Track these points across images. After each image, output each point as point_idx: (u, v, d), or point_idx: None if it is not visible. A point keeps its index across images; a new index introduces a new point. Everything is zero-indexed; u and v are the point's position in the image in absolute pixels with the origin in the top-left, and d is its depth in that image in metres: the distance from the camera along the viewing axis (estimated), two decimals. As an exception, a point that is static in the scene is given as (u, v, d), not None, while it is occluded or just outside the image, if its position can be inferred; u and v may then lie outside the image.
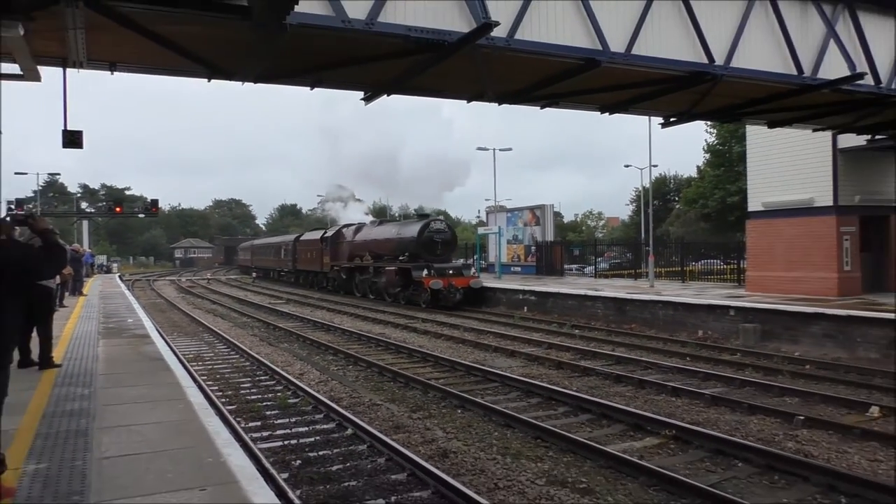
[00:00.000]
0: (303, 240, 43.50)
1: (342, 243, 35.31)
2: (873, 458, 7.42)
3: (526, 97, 11.54)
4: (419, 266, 26.48)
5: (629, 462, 7.11)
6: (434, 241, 27.56)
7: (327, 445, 8.16)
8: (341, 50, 8.79)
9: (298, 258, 43.18)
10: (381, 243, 30.80)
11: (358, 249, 33.06)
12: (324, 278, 38.31)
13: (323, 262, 37.24)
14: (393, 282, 28.05)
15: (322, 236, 38.20)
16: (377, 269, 30.48)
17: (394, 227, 31.11)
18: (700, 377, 11.99)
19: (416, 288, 26.65)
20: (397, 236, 29.37)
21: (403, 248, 28.29)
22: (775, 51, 10.84)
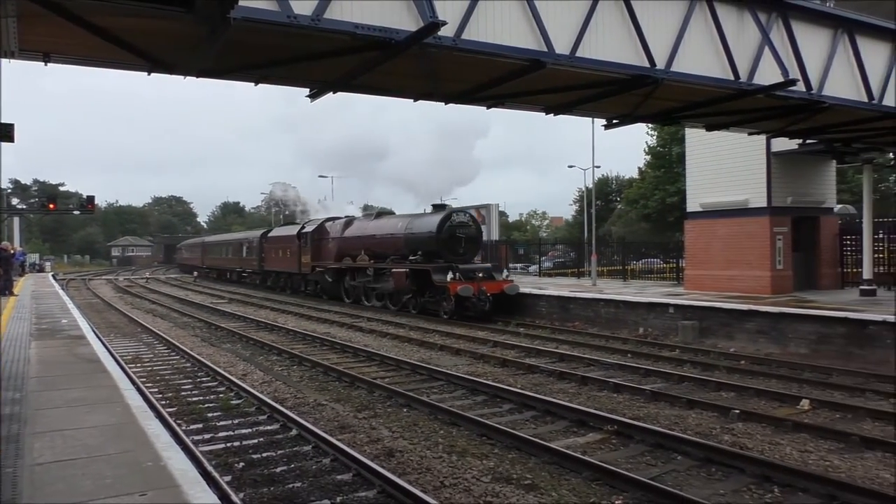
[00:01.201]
0: (273, 236, 37.81)
1: (327, 240, 30.42)
2: (803, 448, 7.72)
3: (473, 97, 11.59)
4: (440, 268, 21.76)
5: (573, 457, 7.24)
6: (457, 236, 22.66)
7: (271, 447, 8.05)
8: (287, 46, 8.66)
9: (267, 257, 37.87)
10: (383, 240, 25.95)
11: (349, 247, 28.27)
12: (301, 281, 33.19)
13: (301, 263, 32.02)
14: (402, 286, 22.96)
15: (299, 232, 32.67)
16: (378, 272, 25.59)
17: (400, 221, 25.65)
18: (641, 373, 12.28)
19: (433, 293, 22.11)
20: (407, 231, 24.36)
21: (416, 245, 23.60)
22: (714, 56, 11.16)
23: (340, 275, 28.72)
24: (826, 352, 13.32)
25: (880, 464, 7.18)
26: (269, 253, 37.50)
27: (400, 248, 24.64)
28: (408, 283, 22.67)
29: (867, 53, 12.86)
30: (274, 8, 7.63)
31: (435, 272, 21.61)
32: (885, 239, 20.89)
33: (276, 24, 7.71)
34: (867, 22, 12.82)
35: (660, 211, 44.90)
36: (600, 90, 11.33)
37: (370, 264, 26.24)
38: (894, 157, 19.78)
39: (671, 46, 10.66)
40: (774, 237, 18.74)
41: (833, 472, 6.91)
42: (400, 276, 23.04)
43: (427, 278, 21.99)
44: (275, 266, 36.78)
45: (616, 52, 10.24)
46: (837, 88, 12.50)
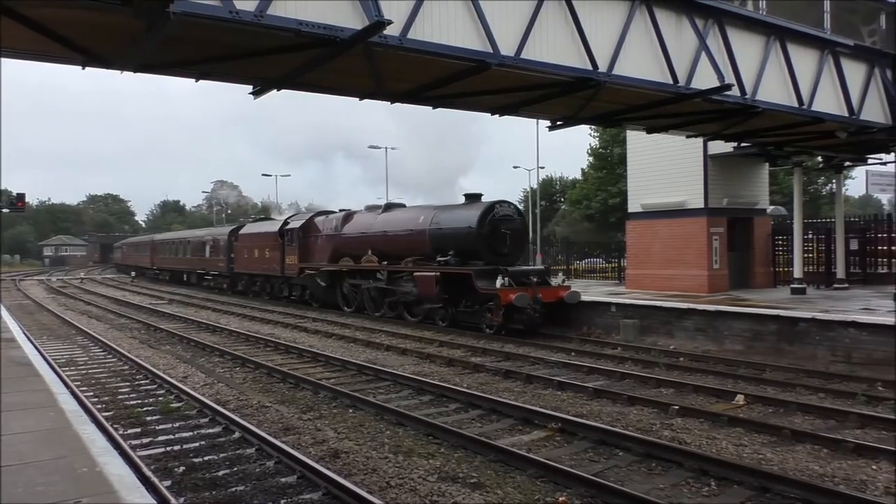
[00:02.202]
0: (246, 234, 32.87)
1: (318, 238, 26.06)
2: (739, 442, 7.98)
3: (418, 97, 11.60)
4: (485, 271, 17.63)
5: (518, 455, 7.31)
6: (501, 233, 18.42)
7: (213, 450, 7.89)
8: (230, 42, 8.50)
9: (238, 258, 32.75)
10: (398, 237, 21.44)
11: (350, 246, 23.90)
12: (284, 285, 28.64)
13: (285, 264, 27.61)
14: (430, 294, 18.74)
15: (283, 228, 28.27)
16: (394, 275, 21.07)
17: (422, 214, 20.99)
18: (584, 371, 12.49)
19: (471, 302, 18.10)
20: (433, 227, 19.89)
21: (446, 243, 19.13)
22: (654, 60, 11.43)
23: (336, 279, 24.47)
24: (759, 348, 13.80)
25: (809, 456, 7.47)
26: (241, 253, 32.46)
27: (422, 246, 20.15)
28: (437, 290, 18.34)
29: (797, 60, 13.38)
30: (216, 3, 7.47)
31: (479, 277, 17.43)
32: (814, 239, 21.78)
33: (217, 20, 7.56)
34: (797, 30, 13.33)
35: (602, 211, 45.72)
36: (545, 92, 11.48)
37: (382, 266, 21.62)
38: (822, 160, 20.61)
39: (613, 50, 10.88)
40: (711, 237, 19.32)
41: (766, 464, 7.16)
42: (427, 282, 18.75)
43: (465, 284, 17.80)
44: (249, 268, 31.80)
45: (560, 54, 10.39)
46: (770, 93, 12.96)
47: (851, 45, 14.27)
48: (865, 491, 6.36)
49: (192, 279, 41.28)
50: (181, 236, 46.28)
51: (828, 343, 12.70)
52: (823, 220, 23.89)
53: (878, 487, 6.46)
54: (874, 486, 6.51)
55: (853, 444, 7.59)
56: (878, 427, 8.55)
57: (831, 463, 7.19)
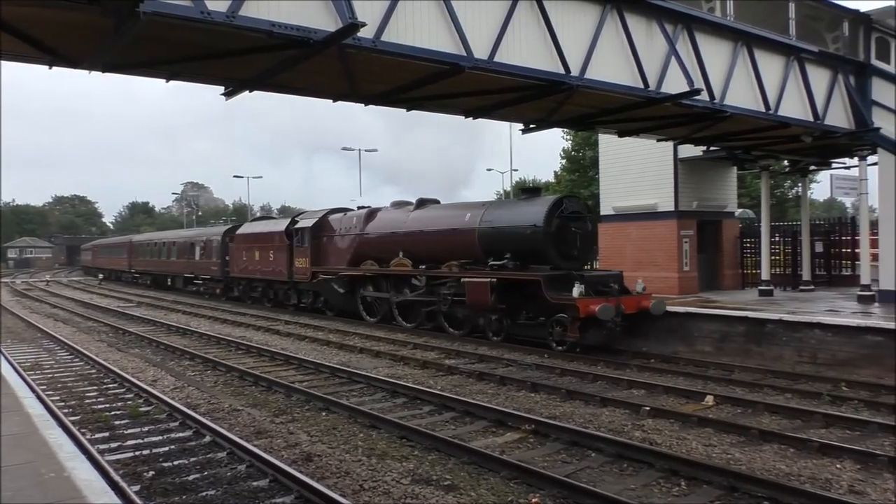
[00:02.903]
0: (244, 234, 29.34)
1: (334, 238, 23.04)
2: (708, 443, 8.10)
3: (392, 99, 11.60)
4: (557, 277, 15.01)
5: (491, 457, 7.34)
6: (572, 232, 15.89)
7: (183, 454, 7.81)
8: (201, 42, 8.41)
9: (234, 261, 29.55)
10: (438, 237, 18.45)
11: (375, 247, 20.94)
12: (291, 292, 25.56)
13: (294, 268, 24.58)
14: (484, 303, 16.01)
15: (290, 228, 25.24)
16: (434, 281, 18.13)
17: (469, 211, 17.98)
18: (557, 373, 12.57)
19: (534, 313, 15.38)
20: (485, 225, 17.04)
21: (502, 244, 16.42)
22: (625, 65, 11.56)
23: (357, 284, 21.58)
24: (728, 349, 14.00)
25: (776, 455, 7.61)
26: (238, 255, 29.12)
27: (470, 247, 17.35)
28: (492, 299, 15.72)
29: (764, 66, 13.62)
30: (187, 3, 7.40)
31: (550, 284, 14.76)
32: (780, 242, 22.17)
33: (188, 20, 7.48)
34: (764, 36, 13.57)
35: (574, 214, 45.79)
36: (518, 95, 11.54)
37: (420, 271, 18.72)
38: (789, 164, 21.01)
39: (585, 54, 10.98)
40: (681, 240, 19.56)
41: (734, 464, 7.28)
42: (479, 289, 16.01)
43: (528, 292, 15.29)
44: (247, 272, 28.37)
45: (533, 58, 10.46)
46: (738, 98, 13.17)
47: (816, 52, 14.56)
48: (830, 489, 6.49)
49: (177, 284, 37.77)
50: (165, 237, 42.59)
51: (794, 344, 12.93)
52: (790, 223, 24.30)
53: (843, 486, 6.60)
54: (839, 484, 6.65)
55: (818, 443, 7.74)
56: (842, 427, 8.74)
57: (797, 462, 7.33)
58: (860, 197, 16.82)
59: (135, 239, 50.32)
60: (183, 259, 36.46)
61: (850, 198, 22.81)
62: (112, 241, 61.26)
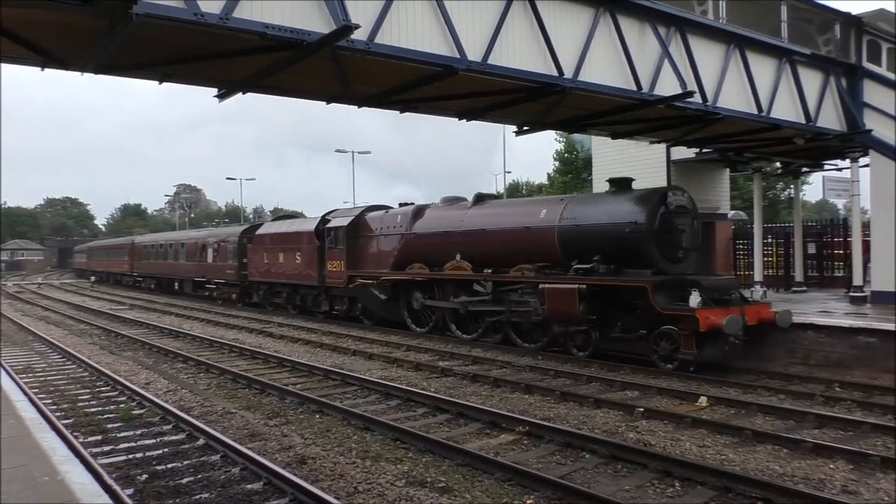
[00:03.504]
0: (265, 234, 26.62)
1: (374, 238, 20.36)
2: (702, 444, 8.11)
3: (385, 101, 11.62)
4: (667, 284, 12.69)
5: (485, 459, 7.33)
6: (678, 230, 13.52)
7: (177, 457, 7.77)
8: (194, 44, 8.41)
9: (254, 263, 26.76)
10: (507, 237, 15.94)
11: (426, 248, 18.23)
12: (322, 297, 22.72)
13: (326, 272, 21.71)
14: (570, 314, 13.60)
15: (320, 227, 22.51)
16: (503, 287, 15.56)
17: (544, 206, 15.64)
18: (551, 375, 12.57)
19: (629, 325, 13.16)
20: (568, 223, 14.55)
21: (591, 244, 13.84)
22: (618, 67, 11.60)
23: (402, 290, 19.00)
24: (722, 350, 13.99)
25: (770, 456, 7.62)
26: (258, 257, 26.44)
27: (546, 249, 14.87)
28: (581, 309, 13.32)
29: (756, 68, 13.69)
30: (180, 5, 7.40)
31: (659, 291, 12.43)
32: (773, 243, 22.26)
33: (181, 22, 7.48)
34: (756, 38, 13.64)
35: (568, 216, 45.84)
36: (511, 97, 11.57)
37: (484, 276, 16.17)
38: (781, 166, 21.10)
39: (578, 56, 11.02)
40: (674, 241, 19.55)
41: (728, 465, 7.29)
42: (564, 297, 13.58)
43: (629, 301, 13.00)
44: (270, 276, 25.59)
45: (526, 60, 10.49)
46: (730, 100, 13.24)
47: (808, 54, 14.65)
48: (824, 490, 6.51)
49: (186, 288, 34.76)
50: (173, 238, 39.56)
51: (787, 345, 12.96)
52: (782, 225, 24.41)
53: (836, 486, 6.62)
54: (832, 484, 6.67)
55: (812, 443, 7.77)
56: (835, 427, 8.77)
57: (791, 463, 7.35)
58: (852, 199, 16.90)
59: (137, 240, 47.28)
60: (193, 261, 33.53)
61: (842, 199, 22.94)
62: (111, 242, 58.18)
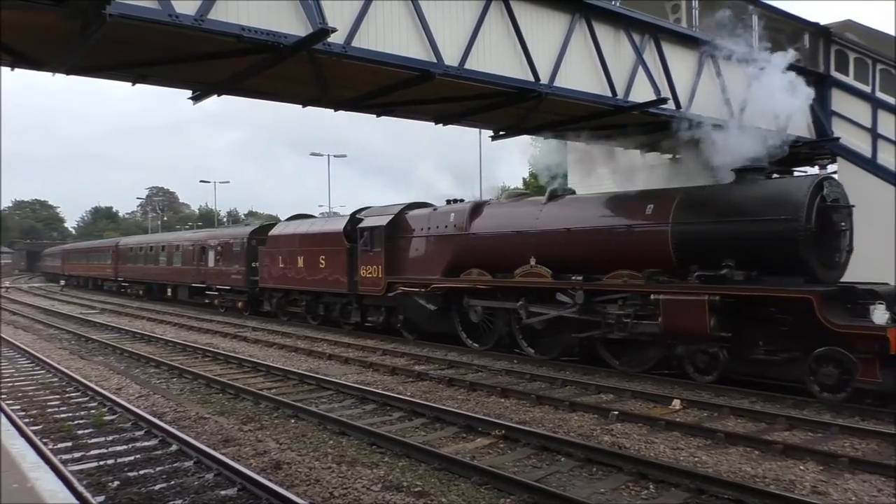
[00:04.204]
0: (281, 235, 23.56)
1: (416, 239, 17.62)
2: (676, 446, 8.20)
3: (362, 105, 11.61)
4: (837, 295, 10.48)
5: (462, 463, 7.34)
6: (839, 229, 11.29)
7: (149, 463, 7.67)
8: (169, 45, 8.34)
9: (267, 267, 23.74)
10: (601, 238, 13.33)
11: (490, 251, 15.53)
12: (353, 307, 19.73)
13: (359, 277, 18.79)
14: (696, 330, 11.18)
15: (350, 228, 19.77)
16: (600, 298, 12.87)
17: (650, 201, 12.82)
18: (527, 378, 12.62)
19: (776, 346, 10.81)
20: (689, 219, 12.04)
21: (721, 246, 11.46)
22: (593, 73, 11.71)
23: (455, 300, 16.25)
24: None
25: (742, 457, 7.73)
26: (272, 261, 23.42)
27: (655, 252, 12.33)
28: (711, 325, 10.89)
29: (728, 75, 13.88)
30: (154, 5, 7.33)
31: (826, 302, 10.06)
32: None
33: (156, 23, 7.41)
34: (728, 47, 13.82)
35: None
36: (488, 102, 11.64)
37: (572, 284, 13.32)
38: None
39: (554, 62, 11.10)
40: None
41: (701, 466, 7.38)
42: (689, 311, 11.15)
43: (778, 316, 10.77)
44: (286, 282, 22.61)
45: (503, 66, 10.55)
46: (704, 107, 13.39)
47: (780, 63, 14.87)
48: (794, 490, 6.62)
49: (181, 295, 31.77)
50: (166, 239, 36.44)
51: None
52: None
53: (806, 487, 6.73)
54: (802, 485, 6.78)
55: (782, 445, 7.89)
56: (804, 429, 8.91)
57: (762, 464, 7.46)
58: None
59: (123, 242, 43.44)
60: (190, 265, 30.54)
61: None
62: (91, 244, 54.34)
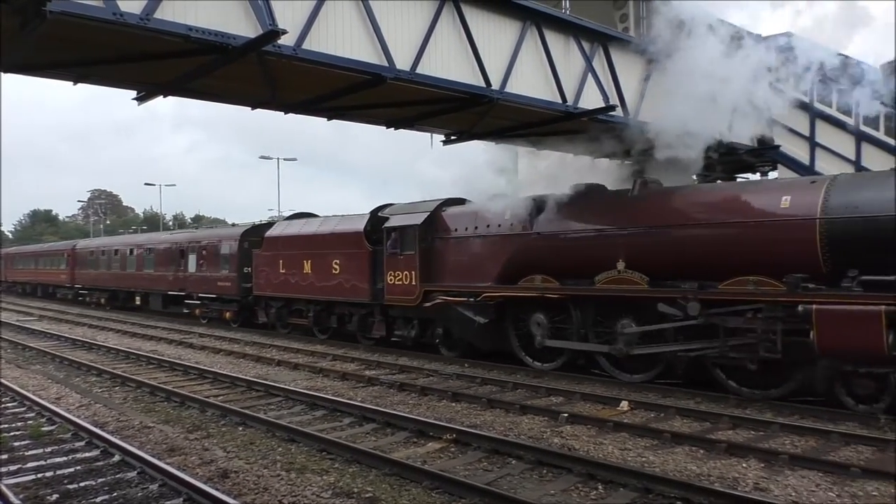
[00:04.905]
0: (280, 236, 20.93)
1: (456, 241, 15.27)
2: (624, 447, 8.33)
3: (313, 108, 11.51)
4: None
5: (413, 468, 7.32)
6: None
7: (90, 475, 7.44)
8: (113, 44, 8.11)
9: (264, 273, 20.94)
10: (727, 235, 11.05)
11: (556, 253, 13.32)
12: (377, 319, 17.12)
13: (386, 285, 16.22)
14: (866, 349, 8.96)
15: (373, 226, 17.34)
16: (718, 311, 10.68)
17: (785, 194, 10.69)
18: (478, 382, 12.66)
19: None
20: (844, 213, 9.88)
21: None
22: (544, 80, 11.85)
23: (511, 312, 14.09)
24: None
25: (688, 457, 7.90)
26: (271, 265, 20.65)
27: (797, 252, 10.22)
28: (890, 343, 8.78)
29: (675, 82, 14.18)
30: (98, 3, 7.13)
31: None
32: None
33: (99, 21, 7.21)
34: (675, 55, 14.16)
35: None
36: (440, 107, 11.66)
37: (682, 292, 11.09)
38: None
39: (505, 68, 11.20)
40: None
41: (649, 466, 7.51)
42: (858, 325, 9.04)
43: None
44: (290, 289, 19.81)
45: (455, 70, 10.59)
46: (653, 115, 13.66)
47: (723, 73, 15.30)
48: (737, 488, 6.79)
49: (153, 304, 28.66)
50: (134, 242, 32.85)
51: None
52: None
53: (749, 484, 6.92)
54: (745, 482, 6.96)
55: (726, 444, 8.10)
56: (747, 428, 9.16)
57: (707, 463, 7.64)
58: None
59: (81, 245, 39.13)
60: (166, 271, 27.40)
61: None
62: (41, 247, 49.26)
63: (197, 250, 25.45)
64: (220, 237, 24.86)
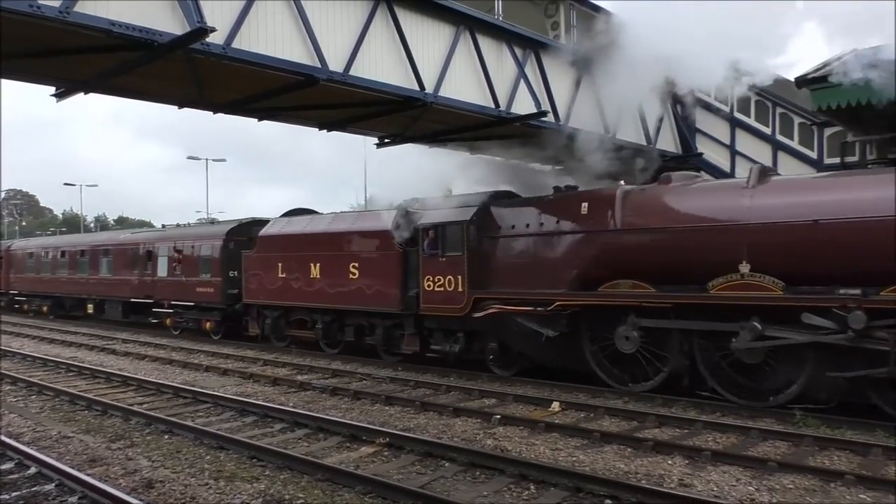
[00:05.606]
0: (276, 235, 17.89)
1: (521, 241, 12.82)
2: (555, 447, 8.47)
3: (243, 108, 11.29)
4: None
5: (346, 472, 7.25)
6: None
7: (4, 489, 7.07)
8: (31, 38, 7.76)
9: (258, 279, 17.89)
10: None
11: (655, 255, 10.91)
12: (410, 332, 14.53)
13: (423, 292, 13.77)
14: None
15: (402, 225, 14.57)
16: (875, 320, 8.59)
17: None
18: (411, 385, 12.65)
19: None
20: None
21: None
22: (477, 84, 11.97)
23: (587, 324, 11.80)
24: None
25: (616, 455, 8.09)
26: (266, 269, 17.61)
27: None
28: None
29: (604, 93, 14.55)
30: (14, -7, 6.81)
31: None
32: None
33: (14, 13, 6.88)
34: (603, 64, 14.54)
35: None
36: (373, 109, 11.63)
37: (838, 299, 9.02)
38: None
39: (439, 73, 11.27)
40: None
41: (579, 466, 7.66)
42: None
43: None
44: (290, 295, 16.95)
45: (389, 73, 10.59)
46: (582, 121, 13.99)
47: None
48: (663, 484, 7.00)
49: (111, 312, 25.19)
50: (86, 241, 29.13)
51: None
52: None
53: (674, 480, 7.13)
54: (670, 479, 7.18)
55: (652, 442, 8.34)
56: (672, 426, 9.45)
57: (635, 461, 7.84)
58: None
59: (17, 245, 34.55)
60: (129, 275, 23.99)
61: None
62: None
63: (165, 251, 22.24)
64: (198, 236, 21.61)
